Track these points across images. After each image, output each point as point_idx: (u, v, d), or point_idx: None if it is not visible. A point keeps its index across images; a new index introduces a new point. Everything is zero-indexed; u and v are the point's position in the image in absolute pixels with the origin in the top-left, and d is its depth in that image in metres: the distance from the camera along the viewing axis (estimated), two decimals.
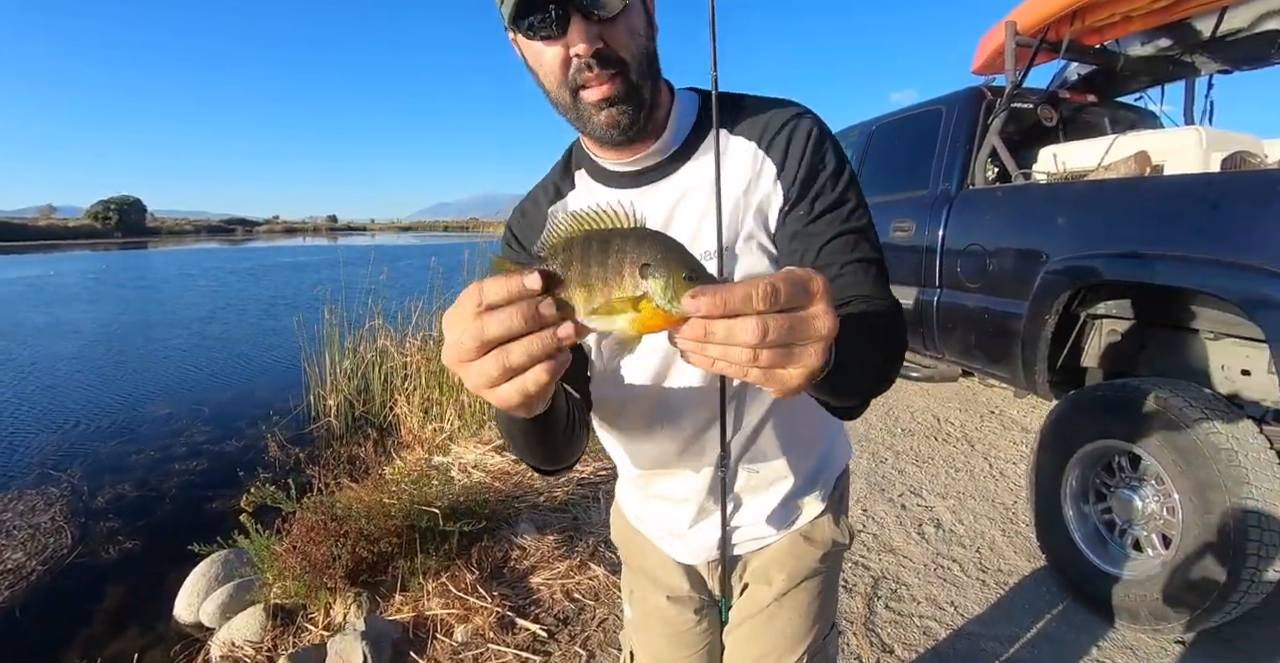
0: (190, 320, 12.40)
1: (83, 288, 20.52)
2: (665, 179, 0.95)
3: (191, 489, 4.55)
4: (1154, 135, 3.16)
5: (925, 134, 4.02)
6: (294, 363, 6.22)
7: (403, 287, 7.12)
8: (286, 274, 21.88)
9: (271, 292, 16.74)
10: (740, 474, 1.06)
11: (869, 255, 0.89)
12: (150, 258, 40.52)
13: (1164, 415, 2.21)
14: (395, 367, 5.60)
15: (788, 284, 0.47)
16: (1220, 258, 2.17)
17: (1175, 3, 3.36)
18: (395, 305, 6.29)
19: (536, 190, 1.09)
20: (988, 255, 3.23)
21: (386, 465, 3.81)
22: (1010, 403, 5.00)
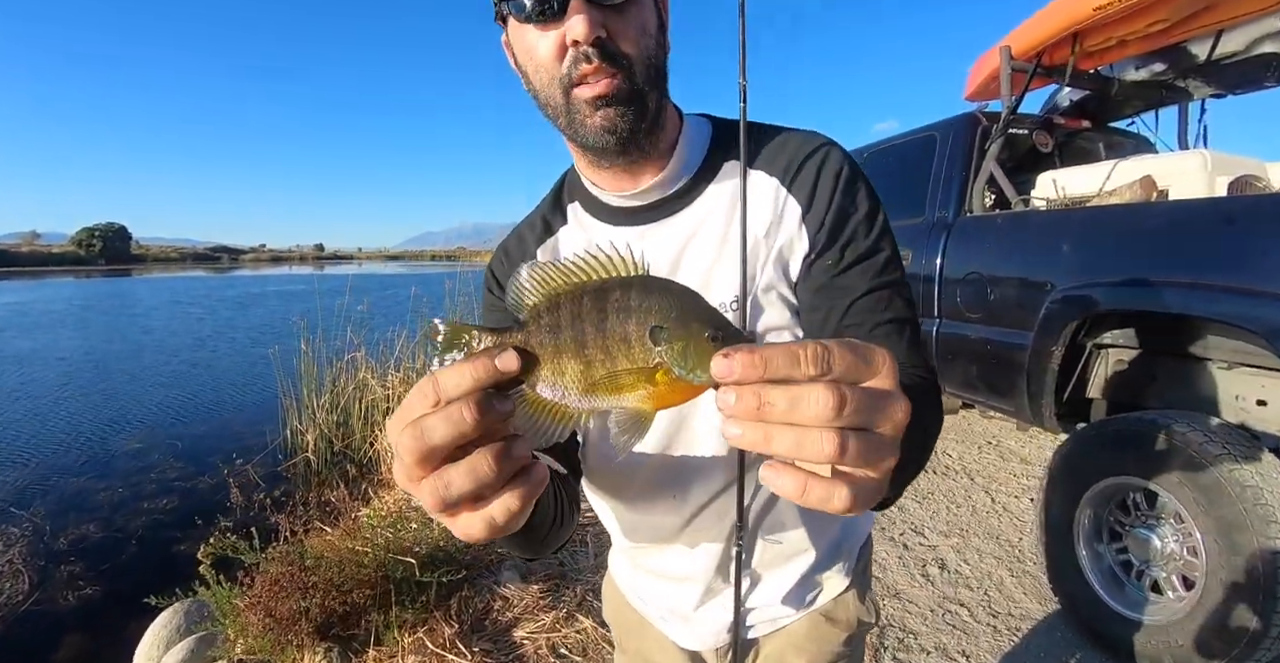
0: (175, 349, 12.18)
1: (67, 315, 20.28)
2: (673, 216, 0.83)
3: (159, 530, 4.35)
4: (1157, 160, 3.10)
5: (919, 160, 3.95)
6: (274, 395, 6.04)
7: (389, 316, 6.96)
8: (275, 303, 21.64)
9: (259, 320, 16.53)
10: (758, 547, 0.91)
11: (902, 315, 0.78)
12: (135, 285, 40.16)
13: (1182, 451, 2.10)
14: (376, 400, 5.40)
15: (843, 348, 0.37)
16: (1236, 285, 2.08)
17: (1172, 26, 3.33)
18: (378, 336, 6.11)
19: (522, 226, 0.95)
20: (989, 284, 3.13)
21: (363, 507, 3.61)
22: (1008, 434, 4.88)
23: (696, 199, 0.82)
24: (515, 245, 0.94)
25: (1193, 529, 2.08)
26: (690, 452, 0.85)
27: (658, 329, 0.42)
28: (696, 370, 0.40)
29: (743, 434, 0.37)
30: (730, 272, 0.78)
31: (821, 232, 0.78)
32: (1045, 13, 3.35)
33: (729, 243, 0.79)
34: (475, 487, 0.40)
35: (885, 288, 0.77)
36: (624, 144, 0.75)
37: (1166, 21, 3.27)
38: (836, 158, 0.80)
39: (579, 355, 0.43)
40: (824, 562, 0.95)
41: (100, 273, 70.75)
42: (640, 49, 0.73)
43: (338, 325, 5.99)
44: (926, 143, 3.96)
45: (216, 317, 18.54)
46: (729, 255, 0.79)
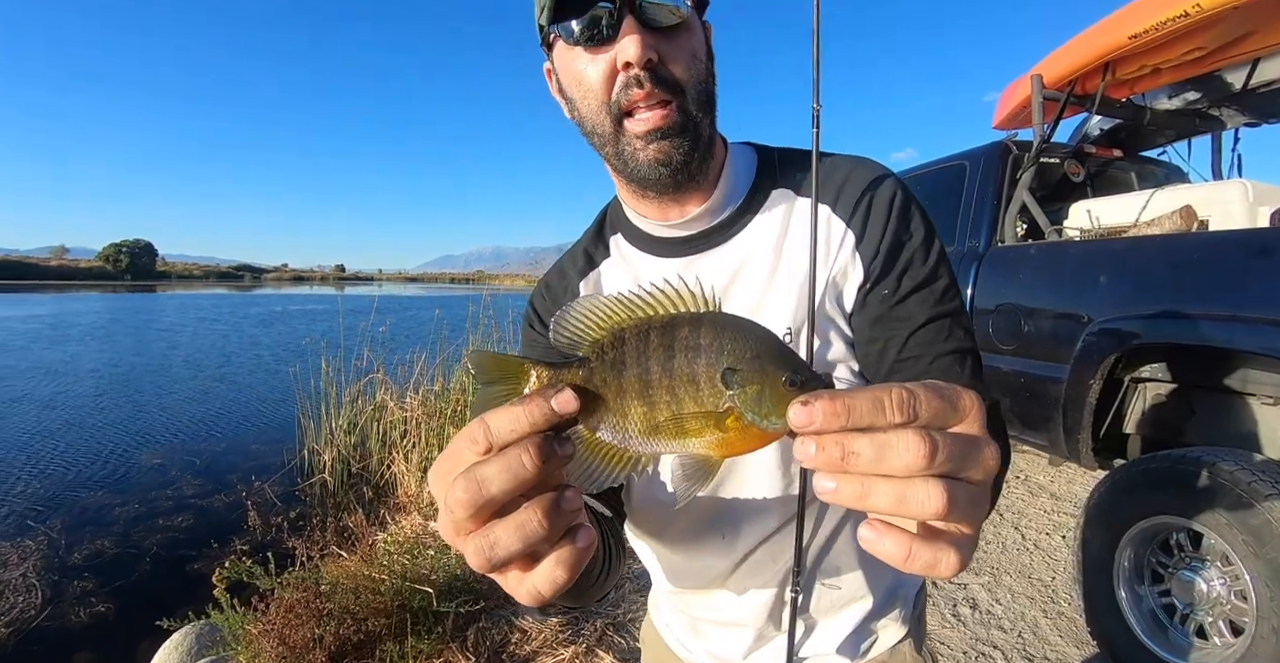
0: (201, 364, 12.35)
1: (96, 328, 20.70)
2: (720, 246, 0.80)
3: (173, 548, 4.32)
4: (1195, 189, 3.05)
5: (949, 190, 3.92)
6: (293, 415, 6.03)
7: (410, 337, 6.96)
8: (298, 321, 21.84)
9: (283, 338, 16.70)
10: (814, 591, 0.85)
11: (964, 345, 0.74)
12: (160, 301, 40.73)
13: (1229, 489, 2.02)
14: (395, 422, 5.36)
15: (929, 393, 0.34)
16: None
17: (1207, 55, 3.29)
18: (397, 358, 6.10)
19: (564, 259, 0.93)
20: (1022, 315, 3.07)
21: (379, 532, 3.56)
22: (1036, 468, 4.77)
23: (744, 229, 0.80)
24: (557, 279, 0.91)
25: (1241, 572, 1.99)
26: (741, 492, 0.81)
27: (730, 372, 0.39)
28: (771, 417, 0.38)
29: (838, 489, 0.34)
30: (782, 303, 0.75)
31: (876, 260, 0.74)
32: (1078, 41, 3.33)
33: (779, 273, 0.77)
34: (524, 546, 0.37)
35: (945, 317, 0.74)
36: (676, 176, 0.72)
37: (1203, 50, 3.24)
38: (889, 184, 0.77)
39: (643, 396, 0.40)
40: (880, 608, 0.90)
41: (125, 288, 72.03)
42: (692, 75, 0.70)
43: (357, 346, 6.00)
44: (956, 172, 3.93)
45: (241, 333, 18.81)
46: (779, 286, 0.76)
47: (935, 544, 0.35)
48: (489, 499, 0.37)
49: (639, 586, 2.97)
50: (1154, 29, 2.84)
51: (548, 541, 0.38)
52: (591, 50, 0.69)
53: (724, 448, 0.40)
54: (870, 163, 0.79)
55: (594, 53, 0.69)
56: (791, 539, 0.78)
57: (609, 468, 0.41)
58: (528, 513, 0.37)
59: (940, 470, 0.33)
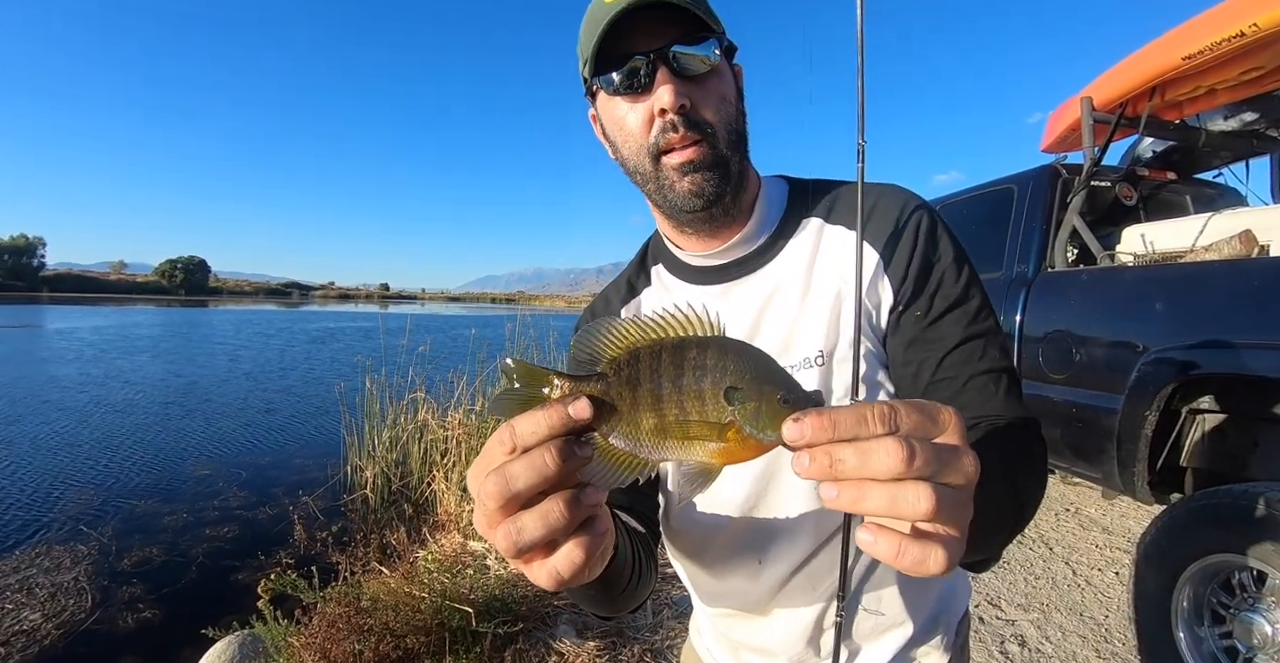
0: (260, 376, 12.77)
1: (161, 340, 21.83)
2: (753, 274, 0.84)
3: (219, 558, 4.42)
4: (1254, 213, 2.95)
5: (996, 214, 3.86)
6: (337, 430, 6.15)
7: (452, 357, 7.06)
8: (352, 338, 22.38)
9: (335, 353, 17.19)
10: (856, 617, 0.84)
11: (998, 364, 0.76)
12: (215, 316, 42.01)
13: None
14: (435, 440, 5.42)
15: (909, 407, 0.39)
16: None
17: (1266, 74, 3.20)
18: (438, 376, 6.18)
19: (609, 289, 0.99)
20: (1074, 343, 2.99)
21: (420, 549, 3.58)
22: (1087, 500, 4.62)
23: (777, 256, 0.84)
24: (602, 308, 0.97)
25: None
26: (778, 515, 0.81)
27: (732, 389, 0.43)
28: (767, 430, 0.42)
29: (838, 495, 0.38)
30: (813, 326, 0.78)
31: (906, 283, 0.77)
32: (1129, 63, 3.27)
33: (810, 297, 0.80)
34: (547, 532, 0.42)
35: (978, 337, 0.76)
36: (710, 207, 0.78)
37: (1260, 70, 3.15)
38: (916, 209, 0.79)
39: (654, 408, 0.45)
40: (922, 635, 0.88)
41: (179, 303, 74.42)
42: (721, 117, 0.76)
43: (401, 364, 6.09)
44: (1004, 196, 3.87)
45: (295, 349, 19.40)
46: (810, 310, 0.79)
47: (924, 543, 0.38)
48: (516, 493, 0.41)
49: (677, 612, 2.94)
50: (1209, 50, 2.78)
51: (567, 529, 0.42)
52: (630, 99, 0.76)
53: (724, 456, 0.45)
54: (898, 190, 0.82)
55: (633, 101, 0.75)
56: (830, 564, 0.80)
57: (621, 471, 0.45)
58: (550, 504, 0.42)
59: (920, 473, 0.36)
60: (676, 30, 0.73)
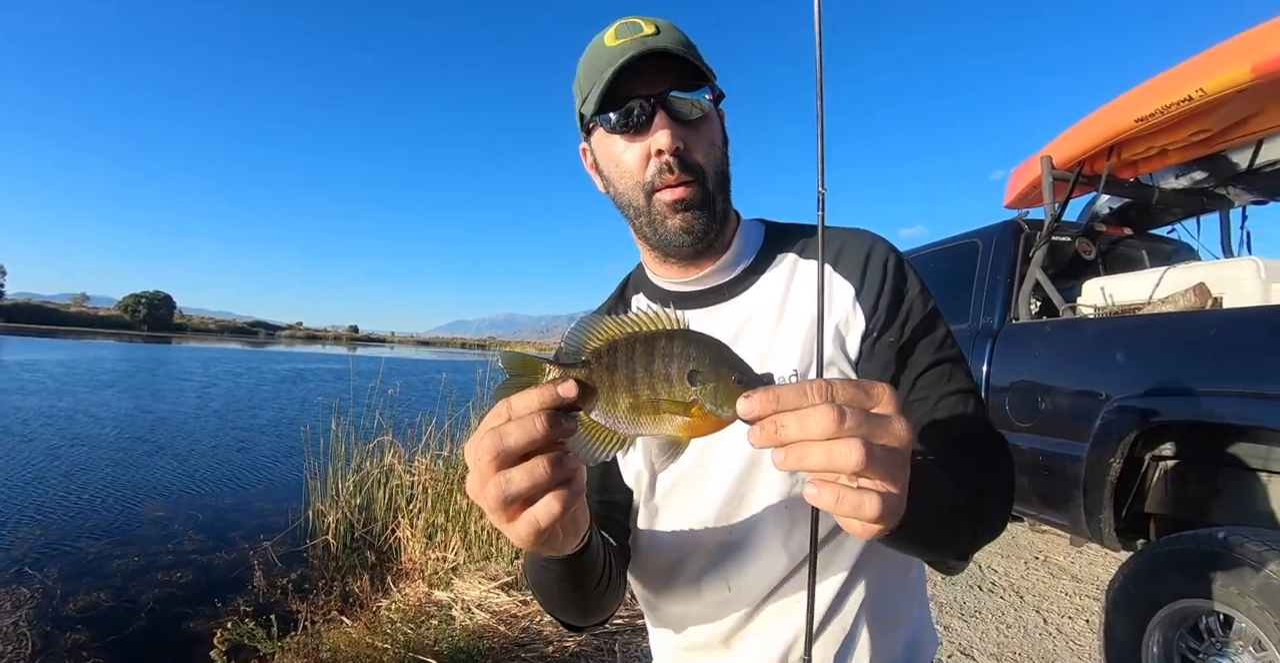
0: (220, 418, 12.40)
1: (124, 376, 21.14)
2: (728, 302, 0.89)
3: (171, 604, 4.21)
4: (1207, 267, 3.07)
5: (962, 267, 3.97)
6: (300, 473, 5.98)
7: (422, 401, 6.96)
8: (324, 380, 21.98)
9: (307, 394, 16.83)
10: (821, 655, 0.83)
11: (965, 386, 0.82)
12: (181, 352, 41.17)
13: (1258, 571, 1.96)
14: (401, 486, 5.29)
15: (845, 383, 0.45)
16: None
17: (1213, 136, 3.38)
18: (407, 420, 6.08)
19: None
20: (1039, 393, 3.05)
21: (383, 598, 3.48)
22: (1055, 548, 4.64)
23: (751, 286, 0.89)
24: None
25: (1275, 657, 1.92)
26: (745, 539, 0.83)
27: (694, 373, 0.50)
28: (724, 407, 0.49)
29: (785, 457, 0.44)
30: (787, 350, 0.83)
31: (878, 312, 0.82)
32: (1086, 124, 3.42)
33: (783, 322, 0.85)
34: (531, 484, 0.48)
35: (947, 361, 0.82)
36: (698, 243, 0.84)
37: (1208, 131, 3.32)
38: (883, 246, 0.87)
39: (630, 390, 0.52)
40: None
41: (141, 339, 72.84)
42: (711, 160, 0.82)
43: (369, 407, 5.99)
44: (969, 250, 3.98)
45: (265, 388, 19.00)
46: (784, 335, 0.84)
47: (860, 493, 0.44)
48: (507, 449, 0.47)
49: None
50: (1160, 112, 2.92)
51: (549, 485, 0.49)
52: (628, 137, 0.80)
53: (689, 431, 0.52)
54: (867, 232, 0.89)
55: (630, 140, 0.80)
56: (799, 596, 0.80)
57: (601, 445, 0.53)
58: (537, 461, 0.48)
59: (851, 433, 0.42)
60: (674, 76, 0.79)
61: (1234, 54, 2.62)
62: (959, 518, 0.67)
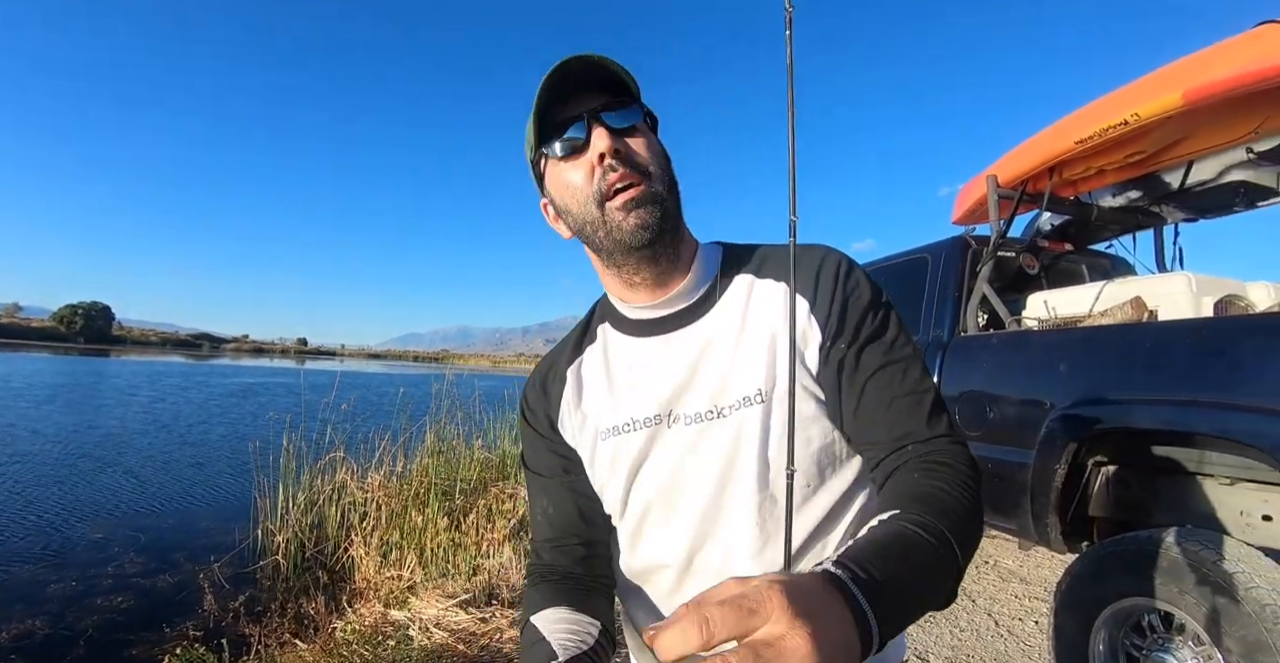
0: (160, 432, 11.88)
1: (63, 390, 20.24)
2: (690, 325, 0.91)
3: (112, 631, 4.00)
4: (1144, 281, 3.20)
5: (913, 281, 4.07)
6: (248, 491, 5.79)
7: (376, 416, 6.82)
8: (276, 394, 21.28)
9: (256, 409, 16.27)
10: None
11: (919, 386, 0.81)
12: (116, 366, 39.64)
13: (1196, 569, 2.07)
14: (354, 502, 5.15)
15: (722, 610, 0.39)
16: (1232, 401, 2.11)
17: (1147, 158, 3.54)
18: (360, 436, 5.95)
19: (554, 351, 1.06)
20: (987, 403, 3.14)
21: (338, 619, 3.39)
22: (1005, 552, 4.77)
23: (712, 308, 0.90)
24: (549, 371, 1.02)
25: (1213, 652, 2.01)
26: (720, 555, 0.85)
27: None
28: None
29: None
30: (748, 369, 0.84)
31: (830, 319, 0.83)
32: (1029, 145, 3.56)
33: (742, 343, 0.86)
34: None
35: (898, 362, 0.82)
36: (655, 241, 0.84)
37: (1142, 153, 3.48)
38: (834, 257, 0.89)
39: None
40: None
41: (78, 351, 70.08)
42: (653, 159, 0.84)
43: (320, 422, 5.85)
44: (919, 265, 4.09)
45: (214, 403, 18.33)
46: (744, 354, 0.85)
47: None
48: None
49: None
50: (1097, 135, 3.06)
51: None
52: (573, 160, 0.84)
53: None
54: (818, 246, 0.91)
55: (575, 160, 0.83)
56: None
57: None
58: None
59: None
60: (604, 98, 0.83)
61: (1166, 82, 2.75)
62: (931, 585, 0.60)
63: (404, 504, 4.84)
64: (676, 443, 0.86)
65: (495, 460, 6.24)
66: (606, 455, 0.90)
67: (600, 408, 0.93)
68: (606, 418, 0.91)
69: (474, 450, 6.11)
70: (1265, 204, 3.95)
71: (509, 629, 3.17)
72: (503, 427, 6.83)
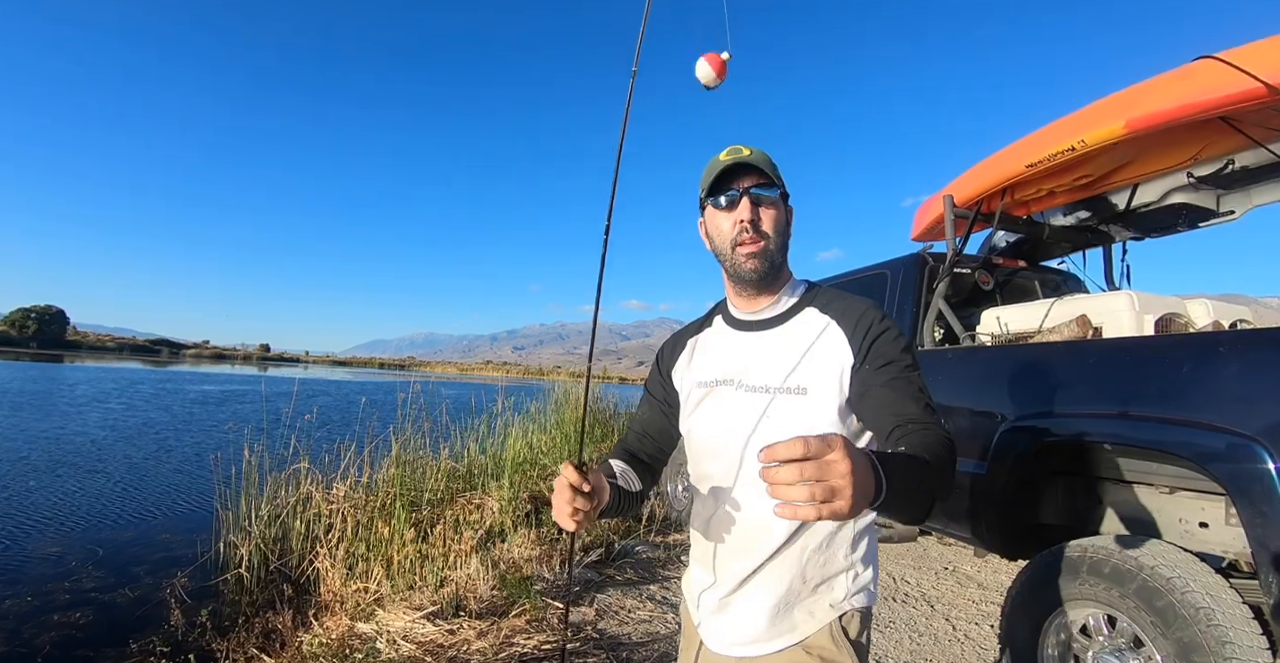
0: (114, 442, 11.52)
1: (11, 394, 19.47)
2: (772, 329, 1.32)
3: (71, 648, 3.91)
4: (1089, 299, 3.33)
5: (872, 296, 4.18)
6: (210, 503, 5.67)
7: (343, 424, 6.74)
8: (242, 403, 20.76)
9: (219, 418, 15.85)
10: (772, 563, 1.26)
11: (922, 394, 1.17)
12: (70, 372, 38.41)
13: (1135, 575, 2.18)
14: (319, 514, 5.08)
15: (812, 441, 0.74)
16: (1170, 416, 2.22)
17: (1094, 180, 3.70)
18: (324, 445, 5.88)
19: (687, 329, 1.52)
20: (943, 415, 3.23)
21: (305, 632, 3.37)
22: (963, 559, 4.90)
23: (789, 322, 1.31)
24: (680, 337, 1.51)
25: (1153, 653, 2.13)
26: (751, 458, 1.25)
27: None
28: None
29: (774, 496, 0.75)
30: (804, 370, 1.23)
31: (862, 347, 1.20)
32: (982, 167, 3.70)
33: (800, 350, 1.26)
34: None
35: (909, 377, 1.17)
36: (761, 278, 1.29)
37: (1090, 176, 3.65)
38: (873, 310, 1.26)
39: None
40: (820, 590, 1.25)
41: (29, 356, 67.95)
42: (775, 229, 1.28)
43: (285, 429, 5.78)
44: (879, 280, 4.21)
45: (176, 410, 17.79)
46: (806, 360, 1.24)
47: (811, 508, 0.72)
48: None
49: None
50: (1047, 159, 3.19)
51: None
52: (725, 212, 1.28)
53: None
54: (864, 299, 1.30)
55: (726, 213, 1.28)
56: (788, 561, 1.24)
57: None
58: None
59: (809, 477, 0.72)
60: (756, 179, 1.26)
61: (1110, 111, 2.89)
62: (920, 502, 0.95)
63: (370, 515, 4.80)
64: (735, 400, 1.28)
65: (462, 470, 6.22)
66: (696, 397, 1.36)
67: (700, 368, 1.40)
68: (702, 375, 1.38)
69: (441, 460, 6.08)
70: (1206, 225, 4.15)
71: (476, 641, 3.19)
72: (469, 435, 6.80)
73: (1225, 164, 3.51)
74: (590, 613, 3.78)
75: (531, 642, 3.23)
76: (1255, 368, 2.08)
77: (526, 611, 3.55)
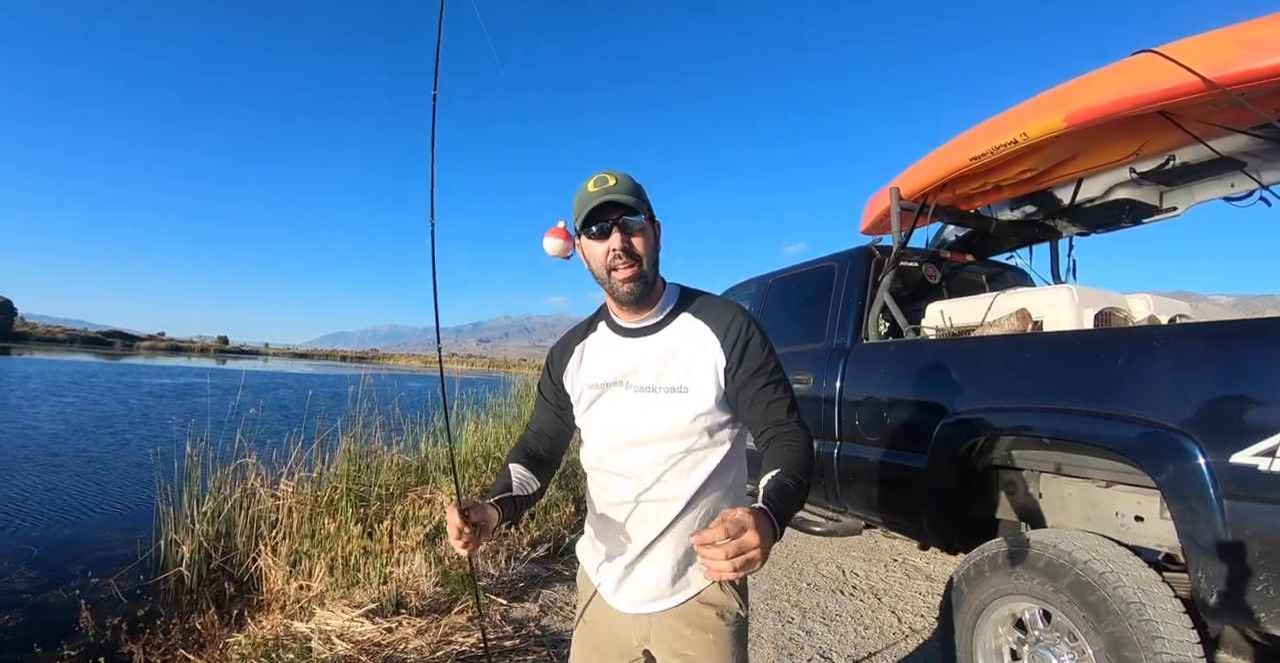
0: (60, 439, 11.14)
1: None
2: (649, 336, 1.47)
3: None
4: (1031, 293, 3.35)
5: (820, 289, 4.17)
6: (151, 500, 5.47)
7: (289, 419, 6.57)
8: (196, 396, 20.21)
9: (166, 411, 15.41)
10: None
11: (786, 395, 1.39)
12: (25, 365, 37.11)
13: (1069, 569, 2.18)
14: (265, 510, 4.94)
15: (729, 527, 0.92)
16: (1106, 410, 2.22)
17: (1038, 175, 3.73)
18: (272, 440, 5.72)
19: (573, 333, 1.63)
20: (885, 409, 3.24)
21: (237, 633, 3.27)
22: (913, 551, 4.95)
23: (666, 328, 1.46)
24: (568, 342, 1.61)
25: (1085, 647, 2.13)
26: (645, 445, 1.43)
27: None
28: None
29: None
30: (682, 369, 1.41)
31: (734, 353, 1.38)
32: (928, 160, 3.71)
33: (678, 354, 1.43)
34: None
35: (775, 382, 1.39)
36: (636, 300, 1.42)
37: (1034, 170, 3.67)
38: (742, 316, 1.44)
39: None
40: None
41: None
42: (646, 253, 1.39)
43: (228, 425, 5.61)
44: (826, 273, 4.19)
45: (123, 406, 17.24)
46: (682, 360, 1.42)
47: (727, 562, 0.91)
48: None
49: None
50: (990, 152, 3.20)
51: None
52: (599, 240, 1.38)
53: None
54: (732, 303, 1.49)
55: (599, 241, 1.38)
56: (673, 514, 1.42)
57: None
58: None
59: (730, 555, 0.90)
60: (624, 210, 1.35)
61: (1050, 104, 2.90)
62: (798, 507, 1.18)
63: (317, 511, 4.68)
64: (626, 400, 1.43)
65: (415, 464, 6.11)
66: (589, 397, 1.50)
67: (589, 372, 1.52)
68: (593, 378, 1.50)
69: (393, 454, 5.98)
70: (1149, 220, 4.21)
71: (414, 639, 3.12)
72: (421, 430, 6.69)
73: (1166, 160, 3.55)
74: (534, 609, 3.73)
75: (470, 639, 3.16)
76: (1187, 362, 2.09)
77: (468, 607, 3.49)
